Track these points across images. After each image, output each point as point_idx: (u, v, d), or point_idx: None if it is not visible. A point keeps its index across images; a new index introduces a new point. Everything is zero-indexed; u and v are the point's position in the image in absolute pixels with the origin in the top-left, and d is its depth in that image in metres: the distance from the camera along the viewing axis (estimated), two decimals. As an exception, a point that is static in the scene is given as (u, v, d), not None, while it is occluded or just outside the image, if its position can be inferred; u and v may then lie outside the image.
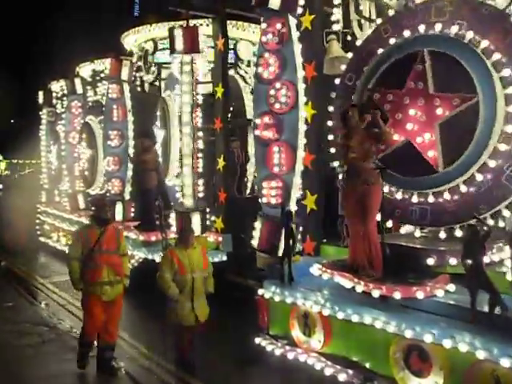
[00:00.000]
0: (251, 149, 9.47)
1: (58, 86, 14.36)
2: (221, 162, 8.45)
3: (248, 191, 9.58)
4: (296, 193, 6.46)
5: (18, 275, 11.29)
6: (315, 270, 5.59)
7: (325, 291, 5.40)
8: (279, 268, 6.03)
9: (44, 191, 15.22)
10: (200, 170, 8.34)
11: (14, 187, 27.82)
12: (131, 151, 10.35)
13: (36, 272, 11.58)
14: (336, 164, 5.97)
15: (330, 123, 6.16)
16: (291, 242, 5.80)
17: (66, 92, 13.36)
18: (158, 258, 8.37)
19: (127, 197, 10.50)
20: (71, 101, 12.93)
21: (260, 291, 5.93)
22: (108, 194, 10.68)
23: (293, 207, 6.40)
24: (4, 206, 23.08)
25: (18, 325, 7.46)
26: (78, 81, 12.77)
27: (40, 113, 15.12)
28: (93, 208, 6.02)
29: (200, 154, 8.34)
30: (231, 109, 8.95)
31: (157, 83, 10.98)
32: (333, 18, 6.62)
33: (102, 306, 5.74)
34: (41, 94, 15.01)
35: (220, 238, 8.46)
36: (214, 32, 8.50)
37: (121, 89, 10.41)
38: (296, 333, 5.54)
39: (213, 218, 8.74)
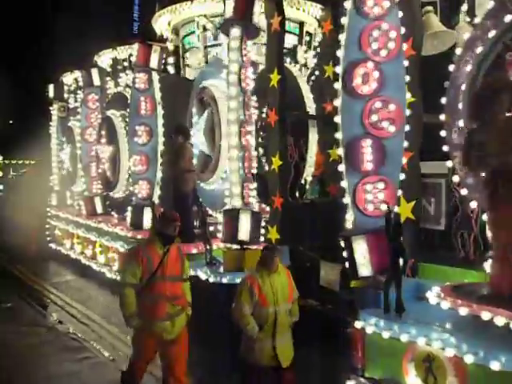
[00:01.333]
0: (312, 147, 8.29)
1: (70, 79, 13.13)
2: (276, 161, 7.20)
3: (304, 196, 8.37)
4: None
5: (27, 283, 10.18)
6: (432, 296, 4.37)
7: (453, 327, 4.18)
8: (374, 293, 4.84)
9: (54, 193, 13.95)
10: (253, 170, 7.09)
11: (14, 188, 26.61)
12: (161, 149, 9.14)
13: (48, 283, 10.40)
14: (459, 167, 4.68)
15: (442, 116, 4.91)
16: (401, 259, 4.58)
17: (81, 84, 12.10)
18: (202, 275, 7.17)
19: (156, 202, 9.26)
20: (87, 94, 11.67)
21: (358, 324, 4.70)
22: (134, 198, 9.44)
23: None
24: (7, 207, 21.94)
25: (17, 326, 7.59)
26: (95, 71, 11.52)
27: (50, 108, 13.86)
28: (158, 221, 4.76)
29: (255, 152, 7.10)
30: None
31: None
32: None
33: (162, 346, 4.52)
34: (51, 87, 13.75)
35: (274, 251, 7.23)
36: (267, 9, 7.27)
37: (149, 78, 9.16)
38: (413, 380, 4.32)
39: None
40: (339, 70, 5.33)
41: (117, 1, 32.64)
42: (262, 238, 7.08)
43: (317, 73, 8.90)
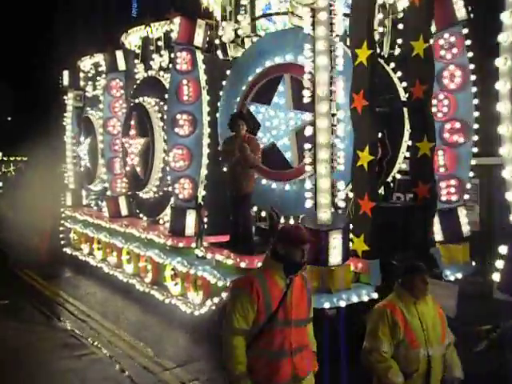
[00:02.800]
0: (405, 139, 6.94)
1: (89, 64, 11.66)
2: (364, 157, 5.84)
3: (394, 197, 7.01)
4: None
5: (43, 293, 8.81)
6: None
7: None
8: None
9: (69, 192, 12.51)
10: (341, 167, 5.71)
11: (14, 185, 25.21)
12: (206, 142, 7.75)
13: (66, 293, 9.04)
14: None
15: None
16: None
17: (102, 69, 10.67)
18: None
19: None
20: (111, 80, 10.22)
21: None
22: (173, 200, 8.05)
23: None
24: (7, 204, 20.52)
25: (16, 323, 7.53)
26: (120, 54, 10.07)
27: (64, 97, 12.41)
28: (278, 241, 3.34)
29: (341, 145, 5.72)
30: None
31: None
32: None
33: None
34: (66, 73, 12.30)
35: (361, 265, 5.89)
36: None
37: (193, 58, 7.76)
38: None
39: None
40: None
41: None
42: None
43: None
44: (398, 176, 7.46)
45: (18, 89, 32.98)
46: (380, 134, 6.36)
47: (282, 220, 6.93)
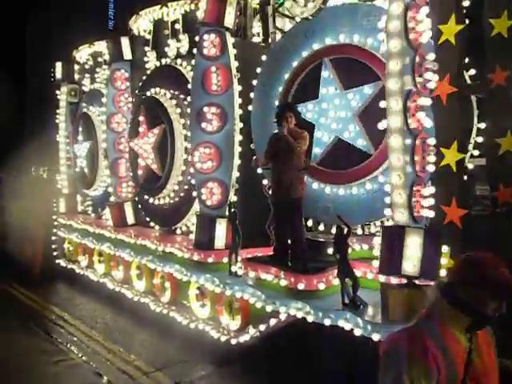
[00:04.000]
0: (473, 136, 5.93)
1: (86, 54, 10.43)
2: (451, 155, 4.83)
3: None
4: None
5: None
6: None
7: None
8: None
9: (62, 198, 11.22)
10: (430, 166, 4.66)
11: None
12: (238, 139, 6.64)
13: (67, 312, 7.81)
14: None
15: None
16: None
17: (106, 58, 9.45)
18: (344, 323, 4.77)
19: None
20: (115, 70, 9.03)
21: None
22: (200, 208, 6.90)
23: None
24: None
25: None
26: (125, 41, 8.90)
27: (57, 92, 11.13)
28: (468, 284, 2.21)
29: (432, 140, 4.68)
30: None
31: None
32: None
33: None
34: (59, 65, 11.02)
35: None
36: None
37: (222, 41, 6.65)
38: None
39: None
40: None
41: None
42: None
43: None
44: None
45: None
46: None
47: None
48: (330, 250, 5.77)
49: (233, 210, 6.38)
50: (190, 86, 7.18)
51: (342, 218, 5.00)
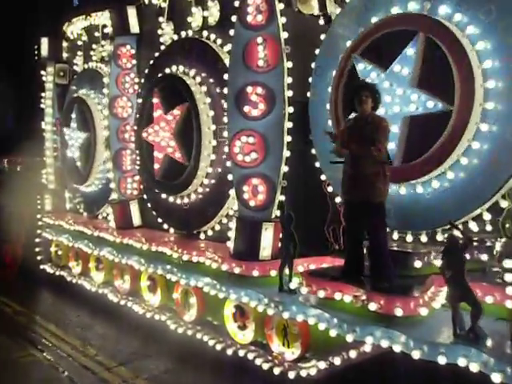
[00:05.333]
0: None
1: (81, 27, 9.00)
2: None
3: None
4: None
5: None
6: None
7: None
8: None
9: (49, 194, 9.76)
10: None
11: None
12: (288, 126, 5.46)
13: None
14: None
15: None
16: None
17: (107, 32, 8.09)
18: (440, 358, 3.71)
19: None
20: (120, 46, 7.70)
21: None
22: (239, 210, 5.68)
23: None
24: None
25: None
26: (132, 12, 7.58)
27: (42, 72, 9.64)
28: None
29: None
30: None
31: None
32: None
33: None
34: (44, 41, 9.53)
35: None
36: None
37: (270, 10, 5.44)
38: None
39: None
40: None
41: None
42: None
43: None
44: None
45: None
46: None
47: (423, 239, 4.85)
48: (418, 263, 4.72)
49: (285, 211, 5.22)
50: (220, 63, 6.00)
51: (456, 225, 3.92)
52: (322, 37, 5.66)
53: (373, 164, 4.39)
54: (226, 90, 5.84)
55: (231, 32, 5.68)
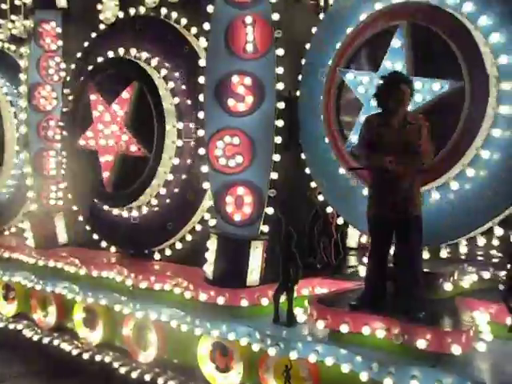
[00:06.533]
0: None
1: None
2: None
3: None
4: None
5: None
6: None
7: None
8: None
9: None
10: None
11: None
12: (279, 124, 4.58)
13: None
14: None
15: None
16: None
17: (21, 3, 6.55)
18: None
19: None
20: (42, 22, 6.21)
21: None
22: (218, 226, 4.64)
23: None
24: None
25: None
26: (58, -19, 6.19)
27: None
28: None
29: None
30: None
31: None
32: None
33: None
34: None
35: None
36: None
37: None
38: None
39: None
40: None
41: None
42: None
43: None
44: None
45: None
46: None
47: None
48: (448, 286, 4.11)
49: (285, 227, 4.32)
50: (185, 47, 4.97)
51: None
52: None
53: (412, 173, 3.70)
54: (192, 80, 4.83)
55: (209, 9, 4.66)
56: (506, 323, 3.83)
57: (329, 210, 4.96)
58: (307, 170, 4.87)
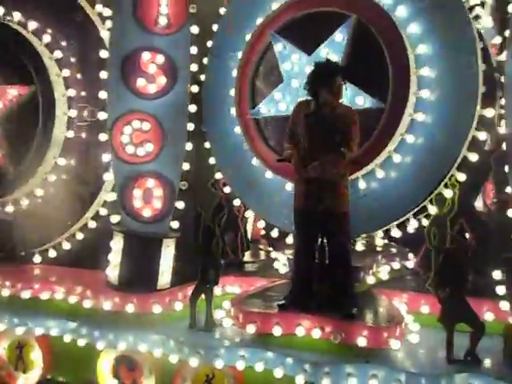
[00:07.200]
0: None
1: None
2: None
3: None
4: None
5: None
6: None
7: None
8: None
9: None
10: None
11: None
12: (192, 109, 4.14)
13: None
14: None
15: None
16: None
17: None
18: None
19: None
20: None
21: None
22: (123, 223, 4.01)
23: None
24: None
25: None
26: None
27: None
28: None
29: None
30: None
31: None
32: None
33: None
34: None
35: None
36: None
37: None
38: None
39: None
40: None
41: None
42: None
43: None
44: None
45: None
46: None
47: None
48: (370, 279, 4.12)
49: (204, 223, 3.92)
50: (78, 13, 4.27)
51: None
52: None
53: (339, 167, 3.58)
54: (88, 53, 4.16)
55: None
56: (421, 312, 3.99)
57: (236, 202, 4.69)
58: (211, 160, 4.52)
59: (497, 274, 3.72)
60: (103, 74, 4.06)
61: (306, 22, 4.23)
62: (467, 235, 4.03)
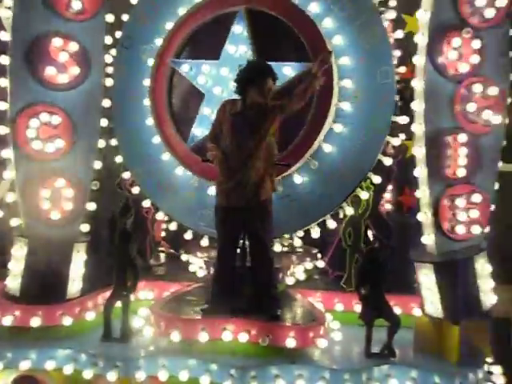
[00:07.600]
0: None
1: None
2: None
3: None
4: None
5: None
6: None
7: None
8: None
9: None
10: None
11: None
12: (106, 104, 3.84)
13: None
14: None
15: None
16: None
17: None
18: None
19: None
20: None
21: None
22: (29, 225, 3.56)
23: None
24: None
25: None
26: None
27: None
28: None
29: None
30: None
31: None
32: None
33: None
34: None
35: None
36: None
37: None
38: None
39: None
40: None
41: None
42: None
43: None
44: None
45: None
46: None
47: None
48: (290, 280, 4.17)
49: (121, 225, 3.66)
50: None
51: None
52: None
53: (266, 160, 3.59)
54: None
55: None
56: (335, 310, 4.15)
57: (146, 203, 4.48)
58: (118, 159, 4.28)
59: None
60: (3, 59, 3.60)
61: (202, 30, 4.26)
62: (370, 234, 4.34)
